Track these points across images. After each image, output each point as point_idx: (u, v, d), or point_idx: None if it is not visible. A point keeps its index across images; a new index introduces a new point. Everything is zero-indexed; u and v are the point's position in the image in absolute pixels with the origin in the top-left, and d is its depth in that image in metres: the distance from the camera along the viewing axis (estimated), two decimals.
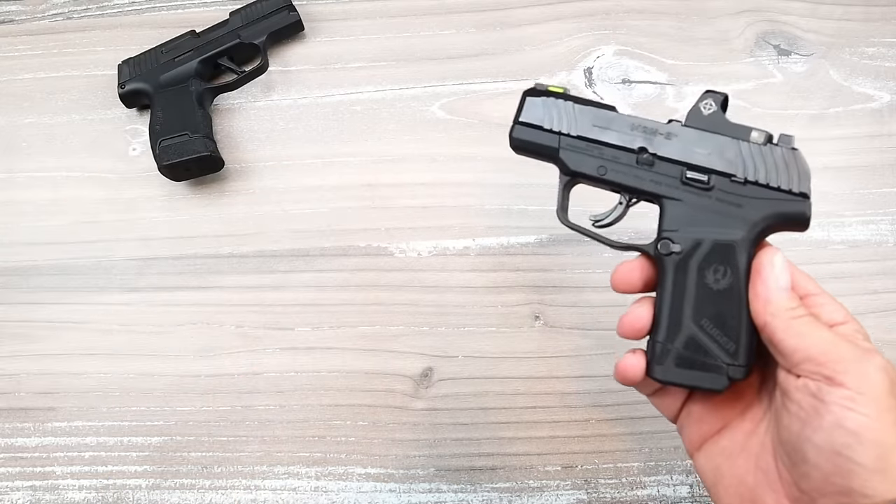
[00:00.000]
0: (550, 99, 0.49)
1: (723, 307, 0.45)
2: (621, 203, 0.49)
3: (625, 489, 0.63)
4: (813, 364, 0.39)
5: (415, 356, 0.68)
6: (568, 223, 0.50)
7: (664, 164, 0.47)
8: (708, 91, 0.48)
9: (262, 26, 0.78)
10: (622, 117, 0.48)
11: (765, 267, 0.44)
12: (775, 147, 0.46)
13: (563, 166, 0.49)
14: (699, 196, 0.46)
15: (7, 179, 0.77)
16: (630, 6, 0.79)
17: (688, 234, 0.46)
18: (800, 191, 0.45)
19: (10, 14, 0.85)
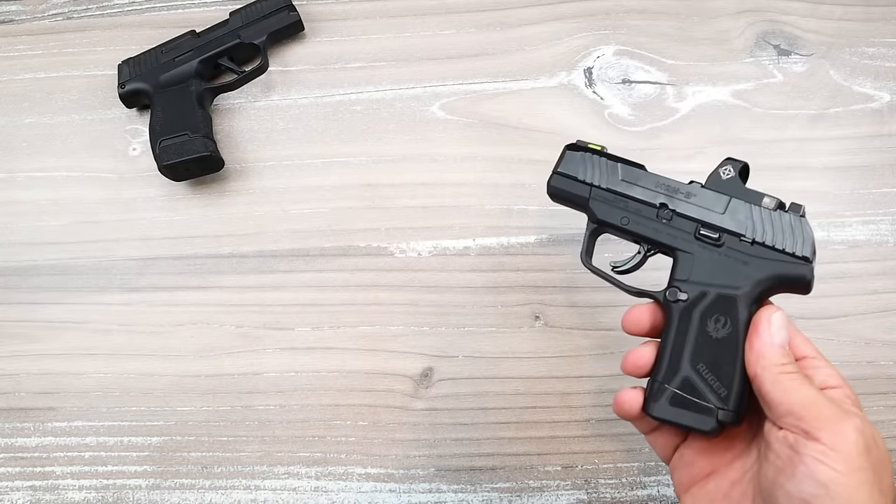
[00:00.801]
0: (588, 154, 0.55)
1: (720, 355, 0.48)
2: (640, 252, 0.53)
3: (625, 489, 0.63)
4: (794, 418, 0.42)
5: (415, 356, 0.68)
6: (591, 267, 0.55)
7: (681, 220, 0.51)
8: (728, 158, 0.52)
9: (262, 26, 0.78)
10: (649, 175, 0.53)
11: (762, 322, 0.46)
12: (784, 213, 0.50)
13: (591, 214, 0.54)
14: (710, 251, 0.50)
15: (7, 179, 0.77)
16: (630, 6, 0.79)
17: (695, 284, 0.49)
18: (802, 254, 0.48)
19: (10, 14, 0.85)
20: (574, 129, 0.74)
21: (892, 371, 0.65)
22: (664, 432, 0.51)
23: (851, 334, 0.66)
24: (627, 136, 0.74)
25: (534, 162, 0.73)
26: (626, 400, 0.50)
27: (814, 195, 0.71)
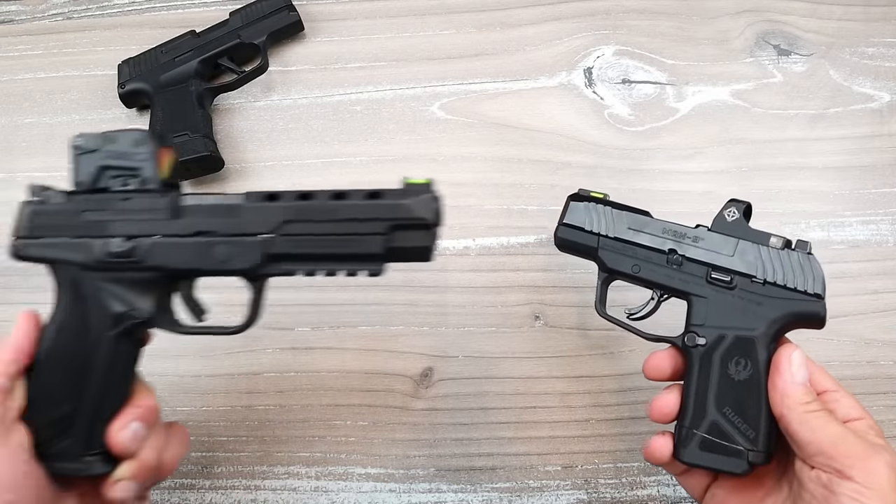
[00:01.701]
0: (591, 204, 0.55)
1: (744, 396, 0.48)
2: (653, 298, 0.54)
3: (625, 489, 0.64)
4: (824, 457, 0.43)
5: (415, 356, 0.68)
6: (606, 316, 0.55)
7: (692, 265, 0.52)
8: (732, 200, 0.53)
9: (262, 26, 0.78)
10: (655, 221, 0.54)
11: (783, 362, 0.47)
12: (792, 252, 0.51)
13: (601, 264, 0.55)
14: (723, 294, 0.51)
15: (7, 179, 0.77)
16: (630, 6, 0.79)
17: (712, 328, 0.50)
18: (814, 292, 0.50)
19: (10, 14, 0.85)
20: (574, 129, 0.74)
21: (892, 371, 0.65)
22: (695, 474, 0.52)
23: (851, 334, 0.66)
24: (627, 136, 0.74)
25: (534, 162, 0.73)
26: (657, 448, 0.50)
27: (814, 195, 0.71)
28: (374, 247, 0.46)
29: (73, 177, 0.50)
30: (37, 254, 0.49)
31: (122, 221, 0.48)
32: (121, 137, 0.49)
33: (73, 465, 0.47)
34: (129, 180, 0.49)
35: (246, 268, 0.48)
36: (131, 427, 0.47)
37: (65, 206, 0.50)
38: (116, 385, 0.48)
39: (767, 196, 0.71)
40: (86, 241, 0.48)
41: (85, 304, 0.48)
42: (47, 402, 0.47)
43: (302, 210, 0.47)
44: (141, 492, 0.48)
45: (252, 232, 0.47)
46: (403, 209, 0.46)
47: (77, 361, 0.48)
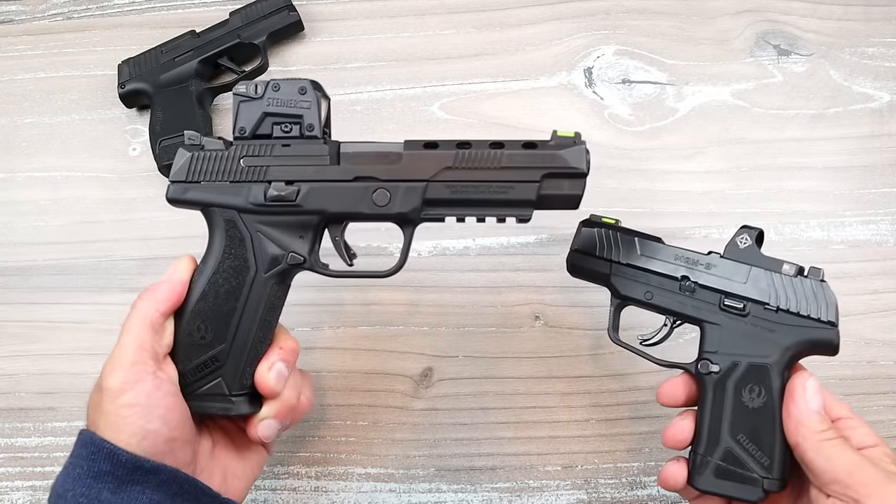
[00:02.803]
0: (603, 230, 0.56)
1: (758, 424, 0.49)
2: (666, 325, 0.55)
3: (625, 489, 0.63)
4: (840, 486, 0.43)
5: (415, 356, 0.68)
6: (619, 342, 0.55)
7: (704, 292, 0.52)
8: (744, 227, 0.53)
9: (262, 26, 0.78)
10: (667, 248, 0.54)
11: (797, 390, 0.47)
12: (805, 279, 0.51)
13: (613, 290, 0.55)
14: (736, 321, 0.51)
15: (7, 179, 0.77)
16: (630, 6, 0.79)
17: (726, 355, 0.50)
18: (828, 319, 0.50)
19: (10, 14, 0.85)
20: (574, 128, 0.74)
21: (892, 371, 0.65)
22: (708, 499, 0.52)
23: (851, 334, 0.66)
24: (627, 136, 0.74)
25: None
26: (671, 475, 0.51)
27: (814, 195, 0.71)
28: (528, 193, 0.48)
29: (234, 123, 0.51)
30: (195, 198, 0.51)
31: (283, 166, 0.50)
32: (284, 85, 0.50)
33: (221, 405, 0.49)
34: (292, 127, 0.50)
35: (405, 212, 0.49)
36: (277, 367, 0.49)
37: (224, 152, 0.51)
38: (265, 326, 0.50)
39: (767, 196, 0.71)
40: (245, 185, 0.50)
41: (241, 246, 0.50)
42: (198, 342, 0.49)
43: (460, 158, 0.49)
44: (280, 431, 0.51)
45: (412, 178, 0.49)
46: (559, 158, 0.48)
47: (230, 303, 0.49)
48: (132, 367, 0.45)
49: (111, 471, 0.43)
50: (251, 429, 0.50)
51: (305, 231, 0.50)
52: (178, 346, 0.49)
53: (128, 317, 0.48)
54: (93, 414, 0.46)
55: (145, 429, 0.44)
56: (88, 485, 0.43)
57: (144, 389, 0.45)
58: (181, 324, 0.49)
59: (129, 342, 0.46)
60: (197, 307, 0.49)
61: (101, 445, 0.43)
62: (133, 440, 0.43)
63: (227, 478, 0.51)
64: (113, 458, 0.43)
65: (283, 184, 0.50)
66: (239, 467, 0.52)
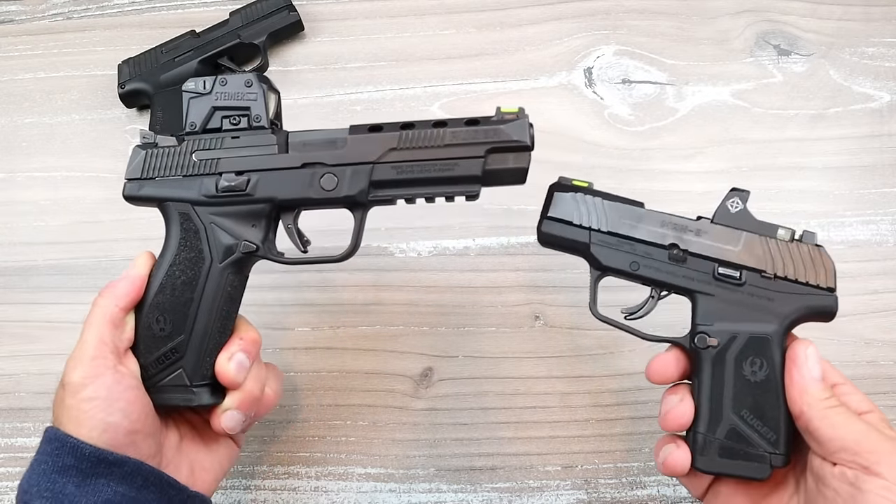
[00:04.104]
0: (579, 194, 0.51)
1: (761, 398, 0.47)
2: (652, 297, 0.51)
3: (625, 489, 0.63)
4: (848, 453, 0.42)
5: (415, 356, 0.68)
6: (600, 317, 0.52)
7: (696, 261, 0.49)
8: (734, 189, 0.50)
9: (262, 26, 0.78)
10: (652, 213, 0.51)
11: (800, 357, 0.46)
12: (801, 244, 0.49)
13: (594, 261, 0.51)
14: (731, 291, 0.48)
15: (7, 179, 0.77)
16: (630, 6, 0.79)
17: (723, 327, 0.48)
18: (827, 286, 0.48)
19: (10, 14, 0.85)
20: (574, 129, 0.74)
21: (892, 371, 0.65)
22: (703, 478, 0.50)
23: (851, 334, 0.66)
24: (627, 136, 0.74)
25: (533, 162, 0.73)
26: (675, 461, 0.48)
27: (814, 195, 0.71)
28: (474, 169, 0.49)
29: (184, 119, 0.52)
30: (150, 193, 0.52)
31: (233, 158, 0.51)
32: (231, 80, 0.52)
33: (182, 396, 0.50)
34: (240, 120, 0.52)
35: (353, 194, 0.50)
36: (237, 358, 0.50)
37: (176, 148, 0.52)
38: (224, 316, 0.51)
39: (767, 196, 0.71)
40: (197, 178, 0.51)
41: (196, 238, 0.51)
42: (158, 335, 0.49)
43: (405, 138, 0.49)
44: (244, 424, 0.51)
45: (358, 161, 0.50)
46: (501, 133, 0.49)
47: (187, 294, 0.50)
48: (92, 362, 0.46)
49: (75, 465, 0.43)
50: (214, 420, 0.50)
51: (258, 220, 0.51)
52: (138, 340, 0.50)
53: (89, 314, 0.48)
54: (57, 410, 0.47)
55: (106, 421, 0.44)
56: (53, 479, 0.43)
57: (105, 383, 0.45)
58: (141, 317, 0.50)
59: (90, 338, 0.47)
60: (155, 300, 0.50)
61: (65, 440, 0.44)
62: (94, 433, 0.44)
63: (194, 471, 0.51)
64: (76, 451, 0.43)
65: (233, 174, 0.51)
66: (207, 460, 0.52)
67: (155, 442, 0.48)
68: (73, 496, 0.43)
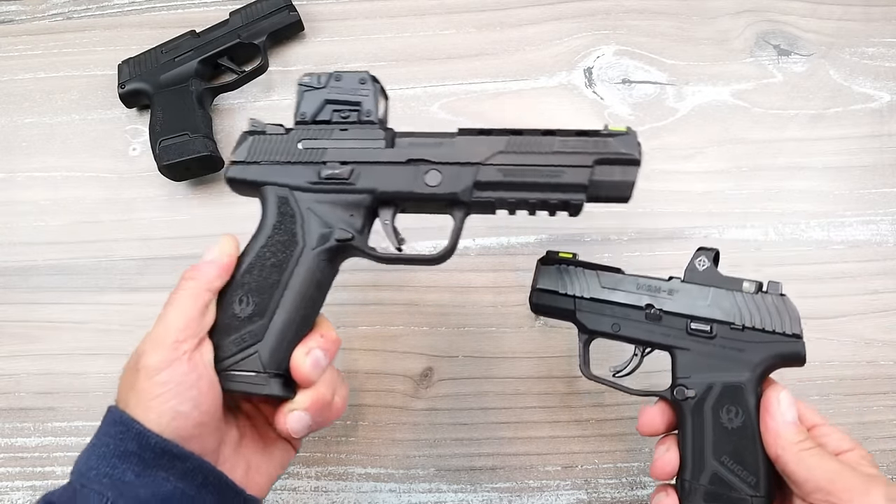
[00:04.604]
0: (563, 266, 0.56)
1: (740, 444, 0.49)
2: (636, 355, 0.55)
3: (625, 489, 0.63)
4: (823, 493, 0.44)
5: (415, 356, 0.68)
6: (592, 377, 0.56)
7: (670, 318, 0.53)
8: (700, 248, 0.54)
9: (262, 26, 0.78)
10: (628, 278, 0.54)
11: (772, 404, 0.48)
12: (766, 294, 0.51)
13: (580, 326, 0.55)
14: (705, 344, 0.51)
15: (7, 179, 0.77)
16: (630, 6, 0.79)
17: (699, 379, 0.51)
18: (793, 332, 0.50)
19: (10, 14, 0.85)
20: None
21: (892, 371, 0.65)
22: None
23: (851, 334, 0.66)
24: None
25: None
26: None
27: (814, 195, 0.71)
28: (580, 177, 0.48)
29: (296, 109, 0.53)
30: (252, 177, 0.52)
31: (339, 149, 0.51)
32: (346, 76, 0.52)
33: (253, 382, 0.47)
34: (350, 114, 0.52)
35: (456, 192, 0.49)
36: (315, 354, 0.48)
37: (284, 136, 0.52)
38: (309, 306, 0.50)
39: (767, 196, 0.71)
40: (301, 165, 0.51)
41: (292, 222, 0.50)
42: (239, 315, 0.48)
43: (513, 142, 0.49)
44: (309, 429, 0.49)
45: (464, 160, 0.50)
46: (610, 144, 0.49)
47: (274, 276, 0.49)
48: (172, 346, 0.44)
49: (138, 452, 0.42)
50: (280, 419, 0.48)
51: (356, 210, 0.51)
52: (218, 319, 0.48)
53: (174, 294, 0.47)
54: (124, 391, 0.45)
55: (176, 410, 0.43)
56: (113, 464, 0.42)
57: (180, 370, 0.44)
58: (224, 296, 0.49)
59: (173, 321, 0.45)
60: (242, 279, 0.49)
61: (131, 426, 0.42)
62: (163, 420, 0.42)
63: (249, 473, 0.49)
64: (141, 439, 0.42)
65: (337, 164, 0.51)
66: (263, 463, 0.51)
67: (218, 437, 0.46)
68: (132, 485, 0.41)
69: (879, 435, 0.64)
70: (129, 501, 0.41)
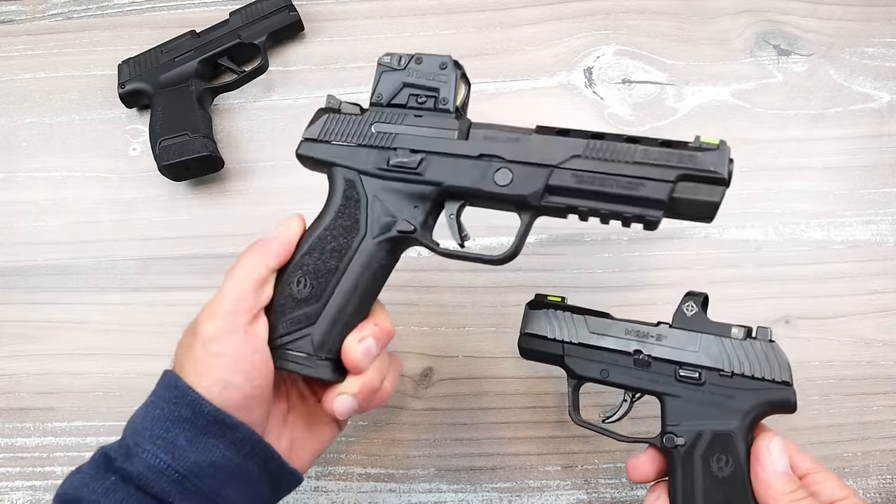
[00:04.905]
0: (551, 310, 0.56)
1: (730, 493, 0.48)
2: (626, 400, 0.54)
3: (625, 489, 0.63)
4: None
5: (415, 356, 0.68)
6: (581, 422, 0.55)
7: (659, 364, 0.52)
8: (688, 294, 0.53)
9: (262, 26, 0.78)
10: (617, 323, 0.54)
11: (762, 453, 0.47)
12: (755, 341, 0.51)
13: (569, 371, 0.55)
14: (694, 391, 0.51)
15: (7, 179, 0.77)
16: (630, 6, 0.79)
17: (689, 427, 0.50)
18: (782, 379, 0.49)
19: (10, 14, 0.85)
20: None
21: (892, 371, 0.65)
22: None
23: (851, 334, 0.66)
24: None
25: None
26: None
27: (814, 195, 0.71)
28: (660, 192, 0.45)
29: (373, 90, 0.52)
30: (322, 156, 0.51)
31: (411, 136, 0.50)
32: (427, 59, 0.51)
33: (304, 364, 0.48)
34: (426, 100, 0.51)
35: (525, 194, 0.48)
36: (367, 342, 0.48)
37: (358, 117, 0.51)
38: (365, 294, 0.49)
39: (767, 196, 0.71)
40: (371, 149, 0.50)
41: (356, 207, 0.49)
42: (296, 296, 0.48)
43: (591, 147, 0.47)
44: (355, 412, 0.49)
45: (537, 161, 0.47)
46: (698, 160, 0.44)
47: (333, 261, 0.49)
48: (227, 318, 0.45)
49: (191, 419, 0.43)
50: (328, 399, 0.49)
51: (422, 202, 0.50)
52: (275, 297, 0.48)
53: (234, 266, 0.47)
54: (181, 356, 0.46)
55: (227, 380, 0.44)
56: (167, 428, 0.43)
57: (235, 342, 0.44)
58: (282, 275, 0.49)
59: (231, 292, 0.46)
60: (301, 260, 0.49)
61: (186, 392, 0.43)
62: (214, 389, 0.43)
63: (293, 447, 0.50)
64: (195, 406, 0.43)
65: (407, 151, 0.49)
66: (307, 438, 0.51)
67: (266, 410, 0.47)
68: (184, 449, 0.43)
69: (879, 435, 0.64)
70: (181, 464, 0.42)
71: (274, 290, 0.48)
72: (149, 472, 0.42)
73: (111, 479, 0.42)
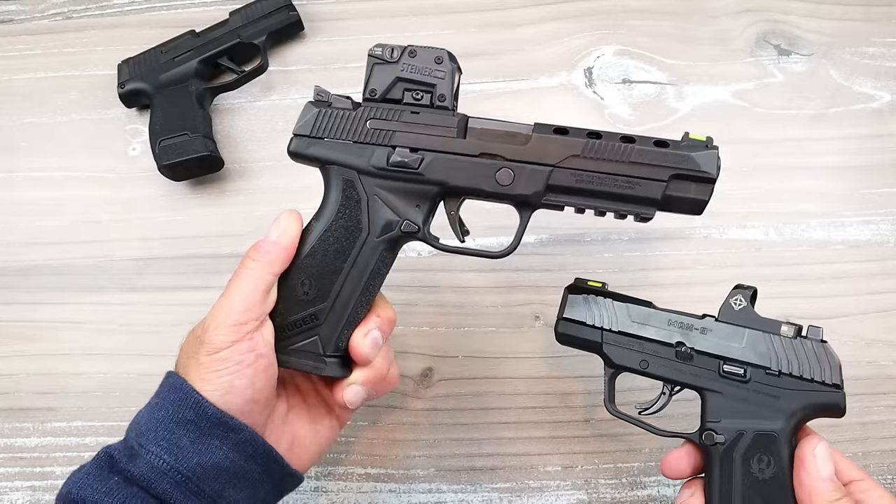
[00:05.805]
0: (591, 296, 0.54)
1: (770, 496, 0.47)
2: (664, 393, 0.53)
3: (625, 489, 0.63)
4: None
5: (415, 356, 0.68)
6: (617, 413, 0.53)
7: (702, 358, 0.50)
8: (737, 286, 0.51)
9: (261, 26, 0.78)
10: (659, 313, 0.52)
11: (808, 457, 0.46)
12: (805, 340, 0.49)
13: (607, 360, 0.53)
14: (737, 388, 0.49)
15: (7, 179, 0.77)
16: (630, 6, 0.79)
17: (730, 424, 0.49)
18: (832, 382, 0.48)
19: (10, 14, 0.85)
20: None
21: (892, 371, 0.65)
22: None
23: (851, 334, 0.66)
24: None
25: None
26: None
27: (814, 195, 0.71)
28: (654, 192, 0.47)
29: (365, 84, 0.51)
30: (317, 154, 0.50)
31: (409, 133, 0.49)
32: (421, 52, 0.50)
33: (314, 364, 0.49)
34: (423, 95, 0.50)
35: (527, 194, 0.48)
36: (373, 335, 0.49)
37: (351, 112, 0.50)
38: (369, 291, 0.50)
39: (767, 196, 0.71)
40: (369, 147, 0.49)
41: (357, 207, 0.49)
42: (301, 298, 0.48)
43: (589, 147, 0.48)
44: (364, 401, 0.51)
45: (538, 161, 0.48)
46: (690, 160, 0.47)
47: (337, 263, 0.49)
48: (234, 328, 0.45)
49: (194, 420, 0.44)
50: (337, 391, 0.50)
51: (423, 201, 0.50)
52: (280, 299, 0.48)
53: (238, 274, 0.47)
54: (185, 359, 0.47)
55: (231, 385, 0.45)
56: (170, 429, 0.44)
57: (240, 350, 0.45)
58: (286, 278, 0.49)
59: (237, 302, 0.46)
60: (304, 262, 0.49)
61: (189, 394, 0.44)
62: (217, 393, 0.44)
63: (293, 447, 0.51)
64: (199, 408, 0.44)
65: (407, 150, 0.49)
66: (308, 437, 0.52)
67: (268, 412, 0.48)
68: (187, 451, 0.43)
69: (879, 435, 0.64)
70: (184, 466, 0.43)
71: (278, 293, 0.49)
72: (152, 473, 0.42)
73: (114, 479, 0.43)
